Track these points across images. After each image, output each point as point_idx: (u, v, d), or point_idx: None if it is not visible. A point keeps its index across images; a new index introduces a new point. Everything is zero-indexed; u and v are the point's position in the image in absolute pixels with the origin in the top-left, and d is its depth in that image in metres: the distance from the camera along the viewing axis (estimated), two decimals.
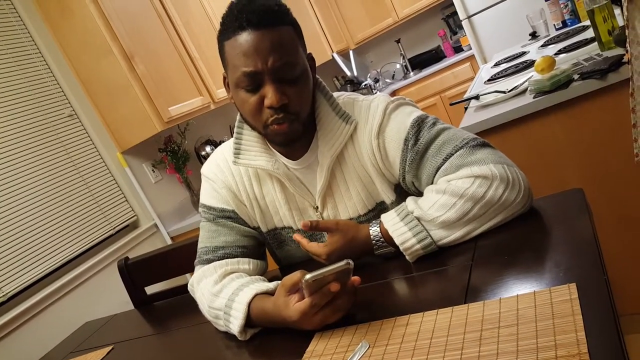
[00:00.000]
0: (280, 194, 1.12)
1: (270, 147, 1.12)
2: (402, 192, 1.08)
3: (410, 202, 0.97)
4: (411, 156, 1.01)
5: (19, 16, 2.58)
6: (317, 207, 1.11)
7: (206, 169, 1.19)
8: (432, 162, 0.99)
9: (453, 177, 0.94)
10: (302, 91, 1.01)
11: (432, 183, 1.00)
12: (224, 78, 1.07)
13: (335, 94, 1.12)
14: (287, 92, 0.98)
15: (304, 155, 1.10)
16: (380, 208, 1.10)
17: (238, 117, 1.12)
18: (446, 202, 0.91)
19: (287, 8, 1.01)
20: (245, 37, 0.95)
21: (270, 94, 0.96)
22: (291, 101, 0.98)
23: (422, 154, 1.00)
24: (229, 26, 0.97)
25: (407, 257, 0.94)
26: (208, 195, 1.18)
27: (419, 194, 1.04)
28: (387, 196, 1.08)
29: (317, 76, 1.10)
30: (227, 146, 1.18)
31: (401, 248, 0.93)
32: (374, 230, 0.99)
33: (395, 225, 0.95)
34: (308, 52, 1.06)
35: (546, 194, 1.00)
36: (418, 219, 0.93)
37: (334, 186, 1.10)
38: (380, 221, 0.98)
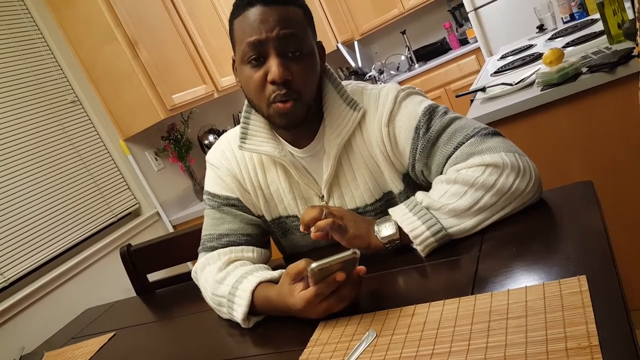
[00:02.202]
0: (284, 182, 1.11)
1: (277, 134, 1.11)
2: (410, 181, 1.07)
3: (419, 194, 0.96)
4: (422, 144, 0.99)
5: (23, 1, 2.56)
6: (323, 196, 1.10)
7: (211, 156, 1.18)
8: (442, 151, 0.98)
9: (463, 166, 0.93)
10: (307, 71, 0.99)
11: (441, 172, 0.99)
12: (233, 62, 1.07)
13: (344, 82, 1.10)
14: (292, 68, 0.97)
15: (310, 143, 1.09)
16: (387, 198, 1.09)
17: (246, 102, 1.11)
18: (457, 191, 0.90)
19: None
20: (253, 12, 0.96)
21: (273, 68, 0.95)
22: (295, 78, 0.97)
23: (433, 142, 0.99)
24: (239, 4, 0.98)
25: (419, 250, 0.92)
26: (213, 183, 1.17)
27: (427, 183, 1.03)
28: (395, 186, 1.07)
29: (326, 64, 1.09)
30: (233, 133, 1.17)
31: (411, 236, 0.92)
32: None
33: (405, 216, 0.93)
34: (318, 40, 1.05)
35: (551, 187, 0.99)
36: (427, 208, 0.92)
37: (341, 175, 1.09)
38: (389, 214, 0.97)
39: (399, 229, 0.93)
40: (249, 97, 1.05)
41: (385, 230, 0.94)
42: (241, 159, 1.14)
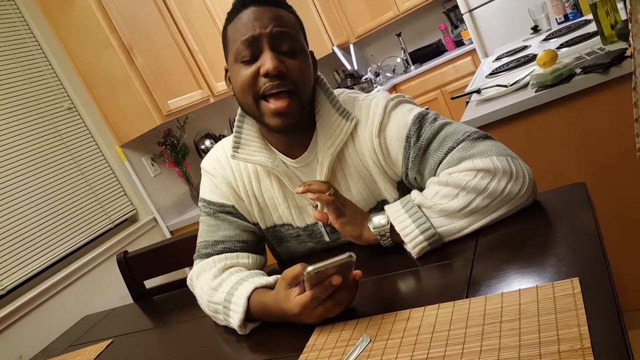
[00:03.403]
0: (278, 192, 1.11)
1: (270, 144, 1.11)
2: (404, 189, 1.08)
3: (413, 192, 0.97)
4: (414, 153, 1.00)
5: (18, 9, 2.56)
6: (317, 206, 1.10)
7: (206, 163, 1.18)
8: (434, 157, 0.98)
9: (454, 170, 0.93)
10: (302, 67, 1.00)
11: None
12: (226, 71, 1.07)
13: (336, 92, 1.11)
14: (286, 63, 0.97)
15: (303, 153, 1.09)
16: (382, 207, 1.09)
17: (239, 110, 1.11)
18: (448, 193, 0.91)
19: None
20: (247, 12, 0.98)
21: (267, 60, 0.95)
22: (289, 71, 0.97)
23: (424, 149, 0.99)
24: (233, 9, 1.00)
25: (409, 250, 0.93)
26: (208, 190, 1.17)
27: (422, 190, 1.04)
28: (390, 194, 1.08)
29: (319, 73, 1.09)
30: (228, 141, 1.17)
31: (401, 235, 0.93)
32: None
33: (397, 212, 0.94)
34: (310, 49, 1.06)
35: (547, 189, 0.99)
36: (419, 206, 0.93)
37: (335, 184, 1.09)
38: (384, 210, 0.98)
39: (392, 226, 0.94)
40: (241, 99, 1.03)
41: (377, 220, 0.96)
42: (236, 168, 1.14)
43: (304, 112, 1.03)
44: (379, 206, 1.09)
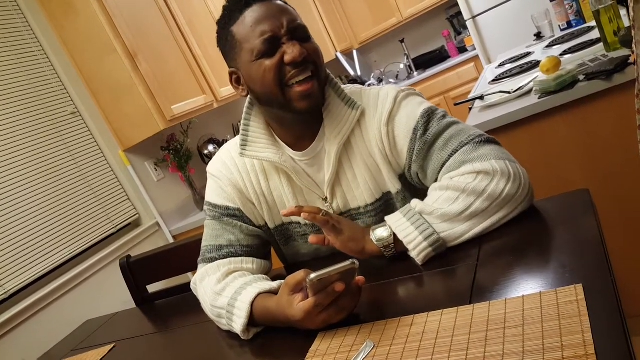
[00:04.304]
0: (287, 188, 1.12)
1: (277, 139, 1.12)
2: (406, 182, 1.09)
3: (414, 200, 0.98)
4: (419, 146, 1.01)
5: (23, 14, 2.58)
6: (326, 198, 1.11)
7: (212, 166, 1.19)
8: (438, 157, 1.00)
9: (455, 174, 0.95)
10: (316, 47, 1.04)
11: (437, 179, 1.00)
12: (230, 75, 1.08)
13: (343, 86, 1.13)
14: (305, 47, 1.00)
15: (310, 145, 1.10)
16: (387, 198, 1.11)
17: (245, 109, 1.12)
18: (449, 197, 0.92)
19: None
20: (255, 10, 1.00)
21: (290, 49, 0.98)
22: (309, 54, 1.00)
23: (429, 145, 1.01)
24: (234, 9, 1.01)
25: (414, 257, 0.93)
26: (213, 193, 1.17)
27: (423, 186, 1.06)
28: (393, 185, 1.09)
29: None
30: (233, 143, 1.18)
31: (404, 242, 0.93)
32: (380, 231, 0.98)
33: (399, 222, 0.95)
34: None
35: (551, 195, 0.99)
36: (420, 213, 0.94)
37: (342, 175, 1.10)
38: (385, 221, 0.98)
39: (395, 235, 0.95)
40: (265, 90, 1.02)
41: (380, 232, 0.96)
42: (243, 168, 1.15)
43: (323, 90, 1.06)
44: (384, 197, 1.10)
